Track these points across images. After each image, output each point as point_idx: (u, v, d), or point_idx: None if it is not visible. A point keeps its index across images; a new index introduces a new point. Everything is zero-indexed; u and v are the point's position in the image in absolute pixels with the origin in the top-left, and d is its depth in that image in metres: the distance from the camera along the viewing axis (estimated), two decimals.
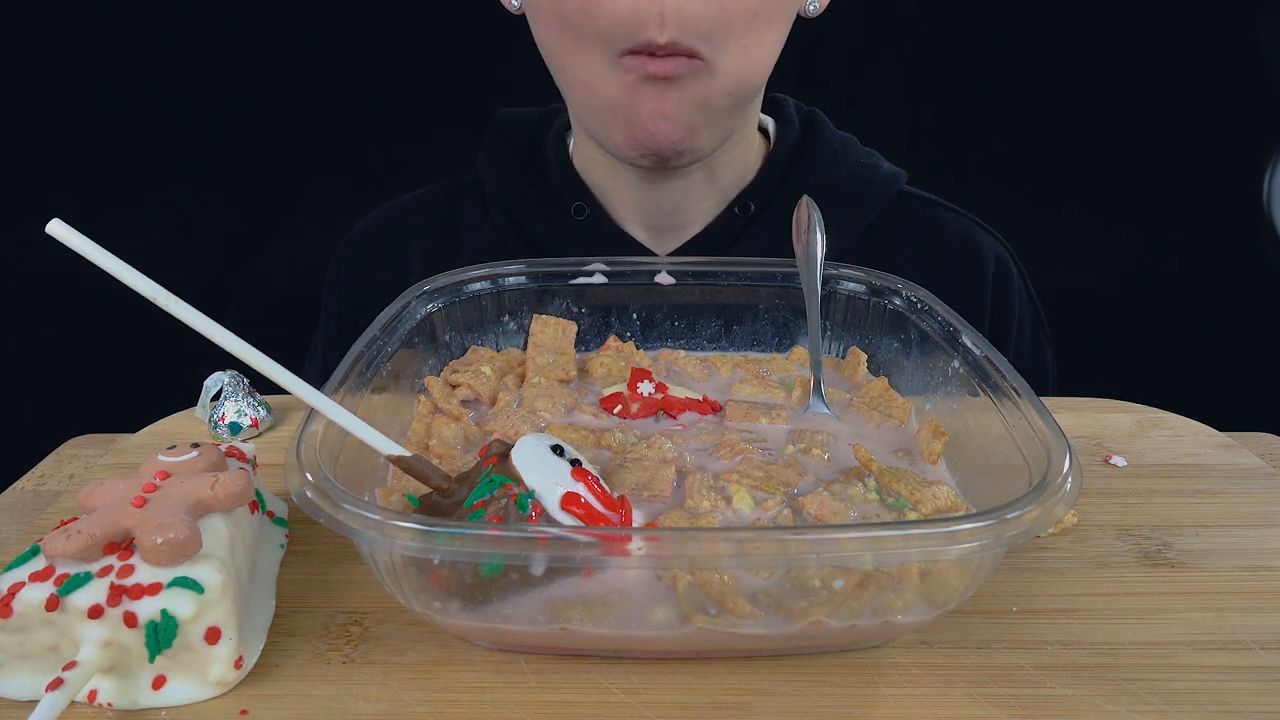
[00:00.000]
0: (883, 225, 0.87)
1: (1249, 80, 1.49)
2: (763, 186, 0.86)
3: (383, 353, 0.59)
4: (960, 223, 0.90)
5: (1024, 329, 0.90)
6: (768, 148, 0.89)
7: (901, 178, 0.89)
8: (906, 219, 0.88)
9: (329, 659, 0.46)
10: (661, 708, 0.43)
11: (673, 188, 0.83)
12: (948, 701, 0.44)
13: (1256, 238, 1.54)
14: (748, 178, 0.87)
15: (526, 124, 0.91)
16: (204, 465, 0.49)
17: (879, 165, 0.89)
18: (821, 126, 0.90)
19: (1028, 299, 0.91)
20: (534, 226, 0.87)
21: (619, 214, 0.87)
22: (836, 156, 0.88)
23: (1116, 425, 0.70)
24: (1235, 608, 0.50)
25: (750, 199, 0.85)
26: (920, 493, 0.52)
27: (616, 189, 0.85)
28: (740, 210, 0.85)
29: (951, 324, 0.61)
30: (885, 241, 0.87)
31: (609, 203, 0.86)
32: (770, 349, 0.73)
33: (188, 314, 0.45)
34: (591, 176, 0.86)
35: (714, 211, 0.86)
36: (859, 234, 0.86)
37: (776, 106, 0.91)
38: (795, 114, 0.90)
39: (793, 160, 0.87)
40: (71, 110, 1.42)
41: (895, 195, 0.88)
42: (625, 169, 0.83)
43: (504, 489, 0.45)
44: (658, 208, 0.85)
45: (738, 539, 0.41)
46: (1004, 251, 0.90)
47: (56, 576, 0.42)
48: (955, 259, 0.88)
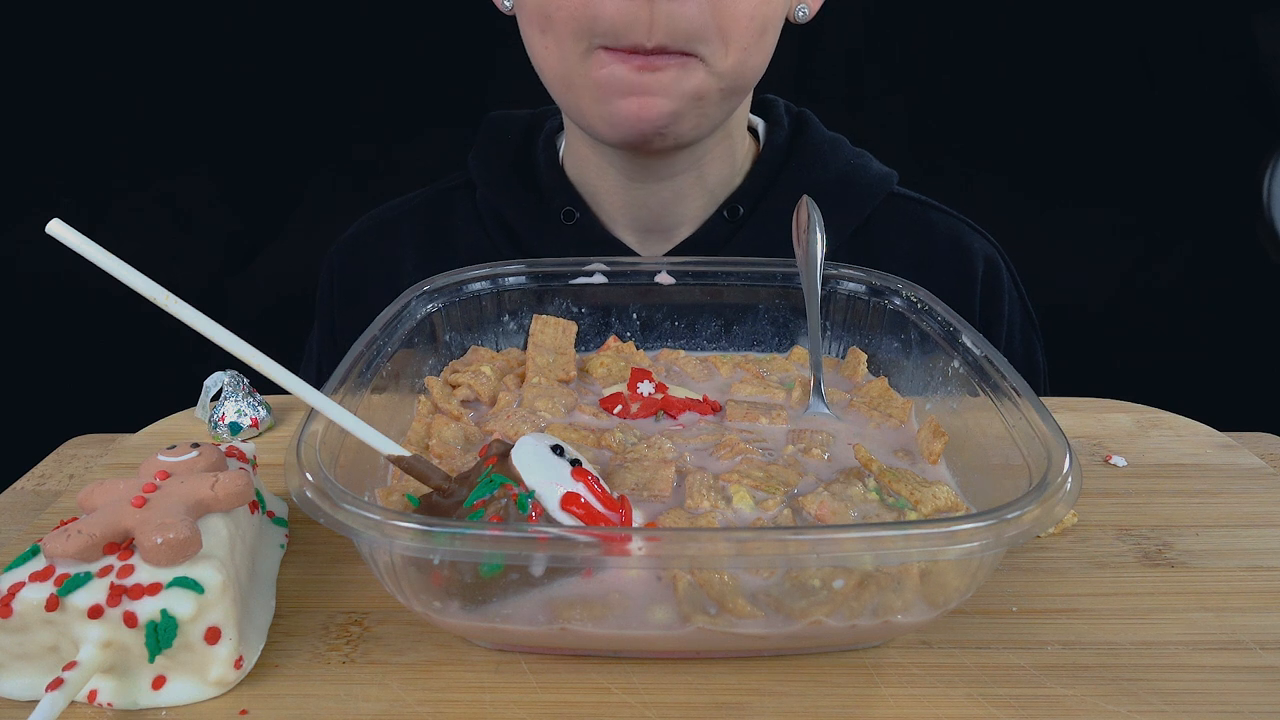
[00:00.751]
0: (872, 226, 0.87)
1: (1249, 80, 1.49)
2: (751, 189, 0.86)
3: (383, 353, 0.59)
4: (950, 223, 0.90)
5: (1014, 330, 0.90)
6: (757, 149, 0.89)
7: (892, 178, 0.89)
8: (896, 220, 0.88)
9: (329, 659, 0.46)
10: (661, 708, 0.43)
11: (661, 188, 0.83)
12: (948, 701, 0.44)
13: (1256, 238, 1.54)
14: (736, 179, 0.87)
15: (518, 126, 0.92)
16: (204, 465, 0.49)
17: (869, 166, 0.89)
18: (811, 127, 0.90)
19: (1018, 300, 0.91)
20: (523, 229, 0.87)
21: (609, 217, 0.87)
22: (825, 158, 0.88)
23: (1116, 425, 0.70)
24: (1235, 608, 0.50)
25: (739, 202, 0.85)
26: (920, 493, 0.52)
27: (606, 190, 0.85)
28: (729, 214, 0.85)
29: (951, 324, 0.61)
30: (874, 242, 0.87)
31: (599, 206, 0.87)
32: (770, 349, 0.73)
33: (188, 314, 0.45)
34: (582, 178, 0.86)
35: (703, 213, 0.86)
36: (848, 235, 0.86)
37: (767, 107, 0.91)
38: (785, 115, 0.90)
39: (782, 162, 0.87)
40: (71, 110, 1.42)
41: (886, 196, 0.88)
42: (614, 170, 0.83)
43: (504, 489, 0.45)
44: (647, 209, 0.85)
45: (738, 539, 0.41)
46: (994, 252, 0.90)
47: (56, 576, 0.42)
48: (944, 260, 0.88)
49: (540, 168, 0.88)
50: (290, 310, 1.16)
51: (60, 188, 1.48)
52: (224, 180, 1.50)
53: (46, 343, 1.51)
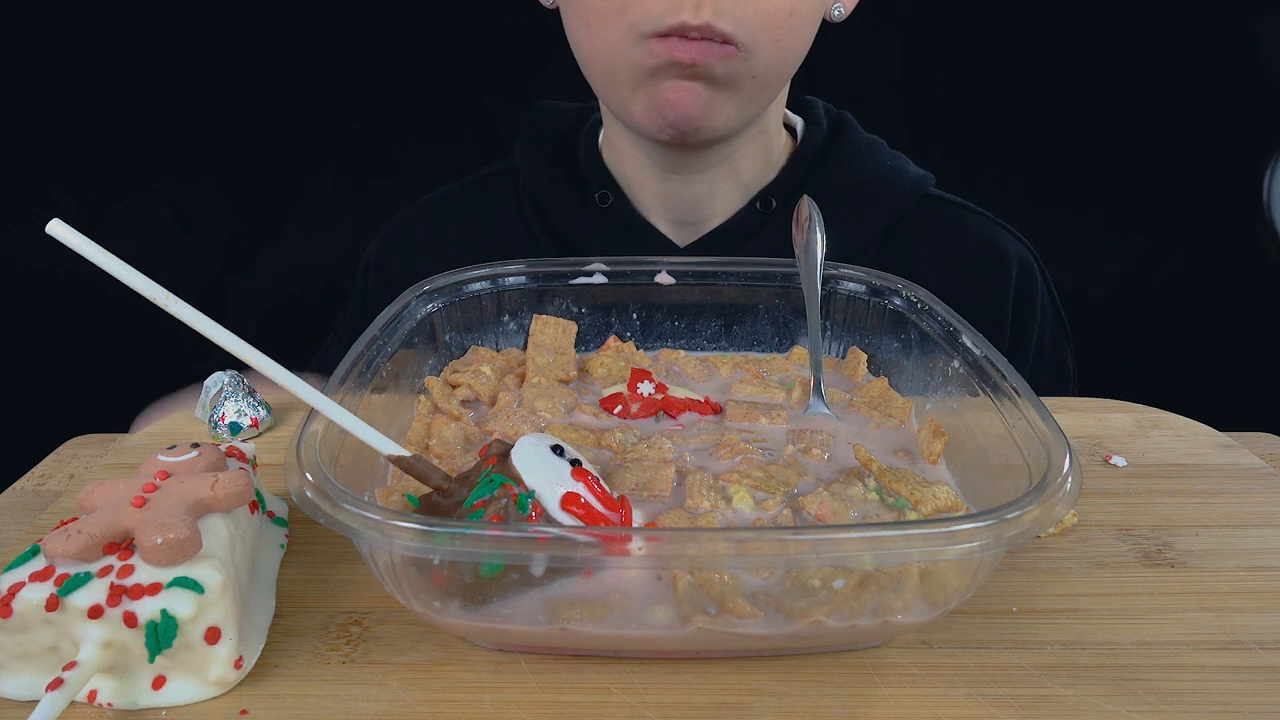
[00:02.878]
0: (906, 226, 0.88)
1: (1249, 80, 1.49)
2: (785, 183, 0.87)
3: (383, 353, 0.59)
4: (985, 226, 0.91)
5: (1045, 334, 0.90)
6: (793, 147, 0.90)
7: (929, 181, 0.90)
8: (931, 221, 0.89)
9: (329, 659, 0.46)
10: (661, 708, 0.43)
11: (695, 180, 0.85)
12: (948, 701, 0.44)
13: (1256, 238, 1.54)
14: (770, 174, 0.88)
15: (563, 117, 0.94)
16: (204, 465, 0.49)
17: (905, 168, 0.90)
18: (850, 128, 0.91)
19: (1050, 304, 0.91)
20: (559, 215, 0.89)
21: (643, 206, 0.89)
22: (862, 157, 0.89)
23: (1116, 425, 0.70)
24: (1235, 608, 0.50)
25: (772, 195, 0.87)
26: (920, 493, 0.52)
27: (640, 182, 0.87)
28: (761, 206, 0.87)
29: (951, 324, 0.61)
30: (907, 243, 0.88)
31: (634, 195, 0.89)
32: (770, 349, 0.73)
33: (188, 314, 0.45)
34: (618, 169, 0.89)
35: (735, 207, 0.87)
36: (880, 234, 0.87)
37: (806, 107, 0.93)
38: (824, 115, 0.92)
39: (818, 160, 0.88)
40: (71, 110, 1.42)
41: (921, 198, 0.89)
42: (650, 163, 0.85)
43: (504, 489, 0.45)
44: (680, 200, 0.87)
45: (738, 539, 0.41)
46: (1029, 256, 0.91)
47: (56, 576, 0.42)
48: (978, 262, 0.89)
49: (580, 157, 0.90)
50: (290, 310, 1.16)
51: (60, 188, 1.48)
52: (224, 180, 1.50)
53: (46, 343, 1.50)
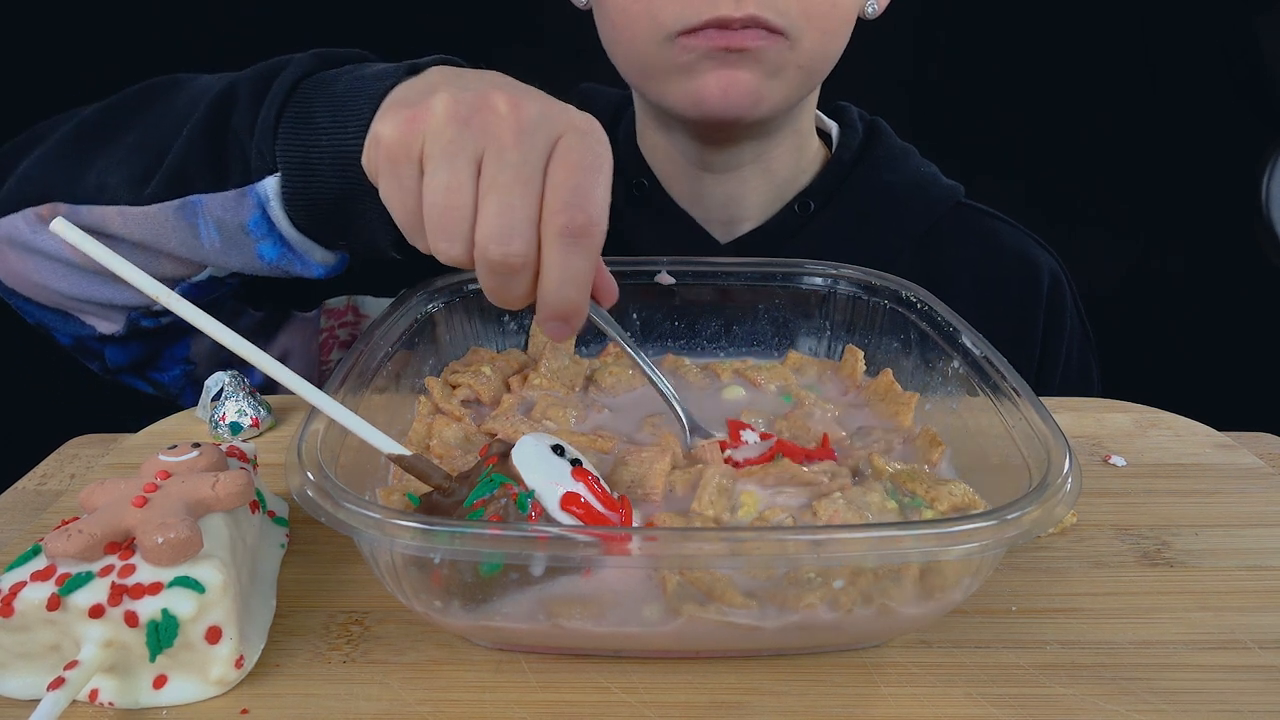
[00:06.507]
0: (939, 233, 0.88)
1: (1249, 80, 1.49)
2: (823, 186, 0.87)
3: (383, 353, 0.59)
4: (1016, 237, 0.92)
5: (1073, 347, 0.91)
6: (827, 152, 0.91)
7: (959, 190, 0.90)
8: (963, 230, 0.90)
9: (329, 658, 0.46)
10: (661, 707, 0.43)
11: (728, 179, 0.85)
12: (947, 701, 0.44)
13: (1256, 238, 1.54)
14: (802, 177, 0.88)
15: (605, 103, 0.94)
16: (205, 465, 0.49)
17: (938, 176, 0.91)
18: (884, 134, 0.92)
19: (1078, 318, 0.92)
20: None
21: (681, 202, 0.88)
22: (897, 163, 0.89)
23: (1116, 425, 0.70)
24: (1234, 607, 0.50)
25: (809, 197, 0.87)
26: (936, 490, 0.51)
27: (674, 178, 0.87)
28: (800, 209, 0.87)
29: (951, 324, 0.61)
30: (941, 249, 0.88)
31: (669, 190, 0.88)
32: (770, 349, 0.72)
33: (188, 312, 0.45)
34: (652, 163, 0.88)
35: (767, 208, 0.87)
36: (914, 241, 0.87)
37: (840, 112, 0.93)
38: (859, 120, 0.92)
39: (854, 163, 0.89)
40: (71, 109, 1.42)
41: (954, 205, 0.89)
42: (683, 159, 0.84)
43: (504, 488, 0.45)
44: (712, 199, 0.86)
45: (736, 539, 0.41)
46: (1058, 268, 0.91)
47: (58, 576, 0.42)
48: (1010, 272, 0.89)
49: (619, 143, 0.89)
50: None
51: None
52: None
53: (47, 343, 1.50)
